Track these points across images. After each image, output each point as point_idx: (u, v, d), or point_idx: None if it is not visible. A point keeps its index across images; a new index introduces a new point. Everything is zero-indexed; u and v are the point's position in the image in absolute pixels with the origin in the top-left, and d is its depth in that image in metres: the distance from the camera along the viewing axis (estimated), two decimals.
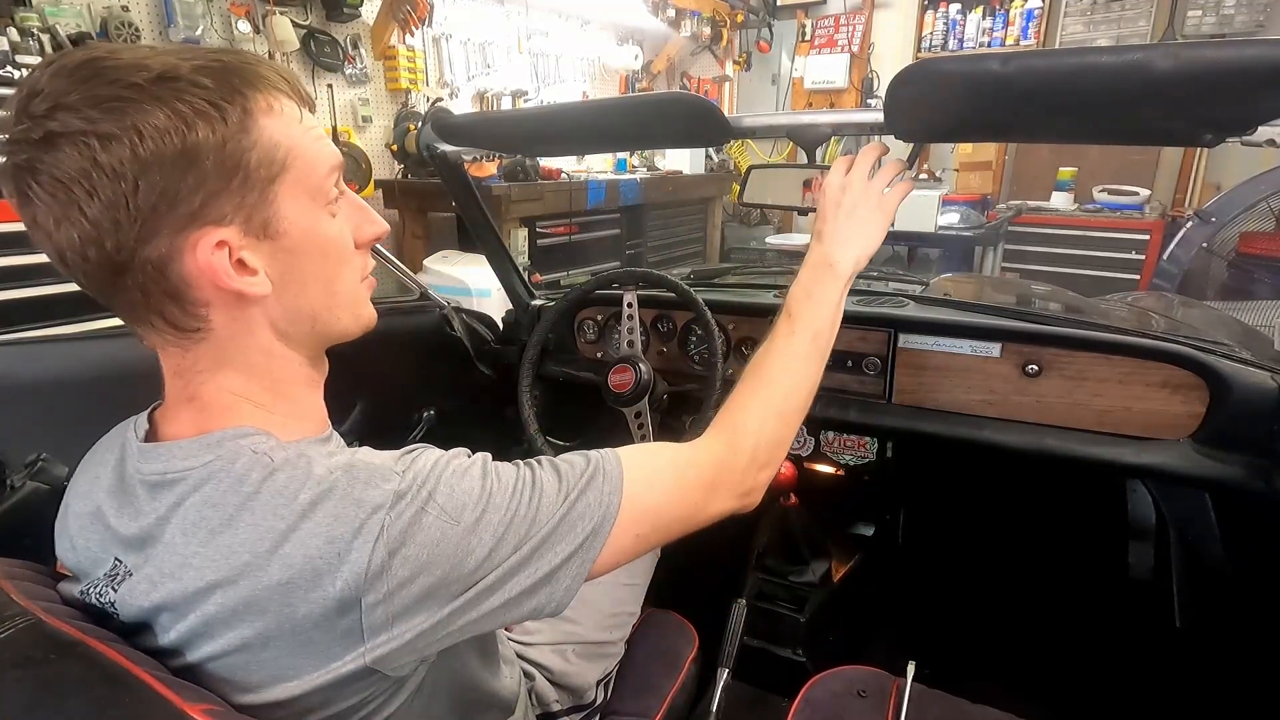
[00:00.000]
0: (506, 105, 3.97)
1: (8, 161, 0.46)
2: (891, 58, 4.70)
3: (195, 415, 0.54)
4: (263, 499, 0.49)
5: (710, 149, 4.82)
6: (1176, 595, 1.31)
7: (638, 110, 1.04)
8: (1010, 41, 4.29)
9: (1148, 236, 3.72)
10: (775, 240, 4.63)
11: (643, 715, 1.00)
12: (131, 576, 0.52)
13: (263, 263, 0.51)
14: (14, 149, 0.45)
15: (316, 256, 0.54)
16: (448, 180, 1.29)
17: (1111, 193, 3.90)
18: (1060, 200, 4.06)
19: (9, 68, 2.15)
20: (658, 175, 4.46)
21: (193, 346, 0.52)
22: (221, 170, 0.48)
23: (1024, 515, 1.64)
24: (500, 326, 1.58)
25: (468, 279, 3.09)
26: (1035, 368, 1.10)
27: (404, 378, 1.41)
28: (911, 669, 0.99)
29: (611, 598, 1.08)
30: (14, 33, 2.21)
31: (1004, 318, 1.16)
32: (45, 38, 2.27)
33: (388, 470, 0.51)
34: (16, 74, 2.16)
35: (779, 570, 1.49)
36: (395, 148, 3.50)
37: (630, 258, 4.23)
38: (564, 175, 3.69)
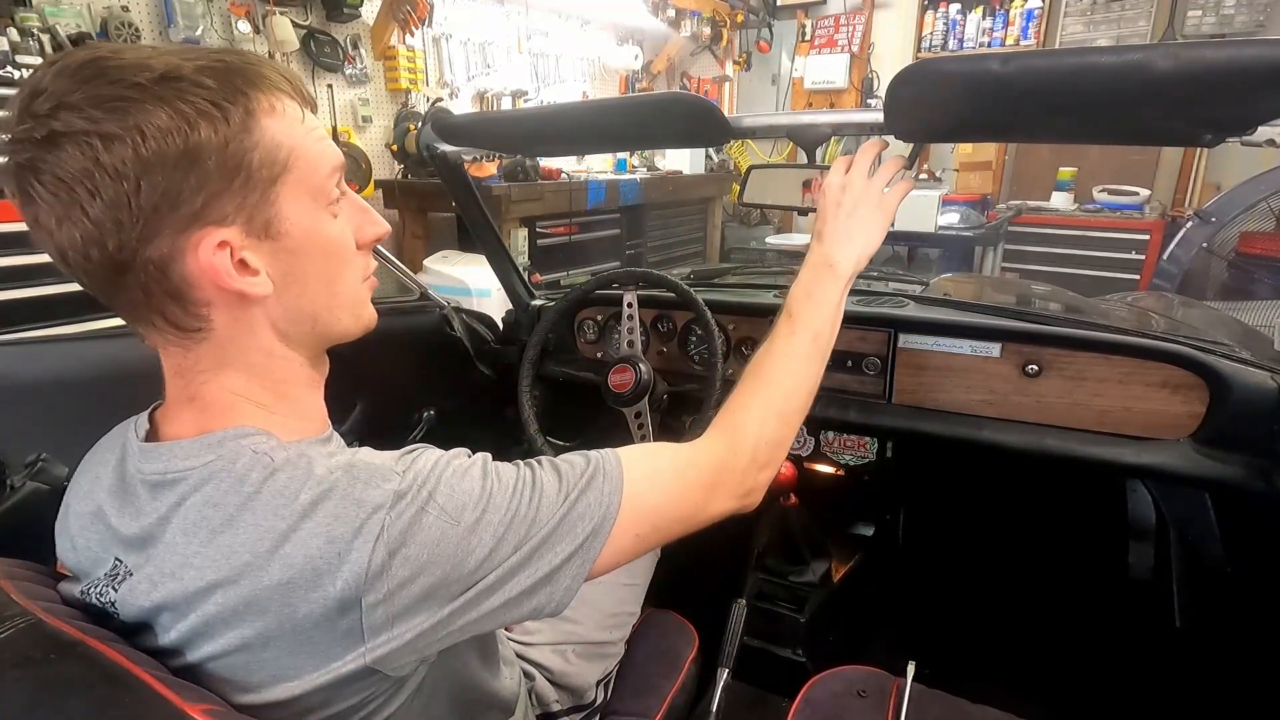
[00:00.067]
0: (506, 105, 3.97)
1: (10, 161, 0.46)
2: (891, 58, 4.70)
3: (196, 415, 0.54)
4: (263, 499, 0.49)
5: (710, 149, 4.82)
6: (1176, 595, 1.31)
7: (638, 110, 1.04)
8: (1010, 41, 4.29)
9: (1148, 236, 3.72)
10: (775, 240, 4.63)
11: (643, 715, 1.00)
12: (132, 576, 0.52)
13: (264, 263, 0.51)
14: (16, 148, 0.45)
15: (318, 257, 0.54)
16: (448, 180, 1.29)
17: (1111, 193, 3.90)
18: (1060, 200, 4.06)
19: (9, 68, 2.15)
20: (658, 175, 4.45)
21: (194, 346, 0.52)
22: (223, 170, 0.48)
23: (1024, 515, 1.64)
24: (500, 326, 1.58)
25: (468, 279, 3.09)
26: (1035, 368, 1.10)
27: (404, 378, 1.41)
28: (911, 669, 0.99)
29: (611, 598, 1.08)
30: (14, 33, 2.21)
31: (1004, 318, 1.16)
32: (45, 38, 2.27)
33: (388, 470, 0.51)
34: (16, 74, 2.16)
35: (779, 570, 1.49)
36: (395, 148, 3.50)
37: (630, 258, 4.22)
38: (564, 175, 3.69)
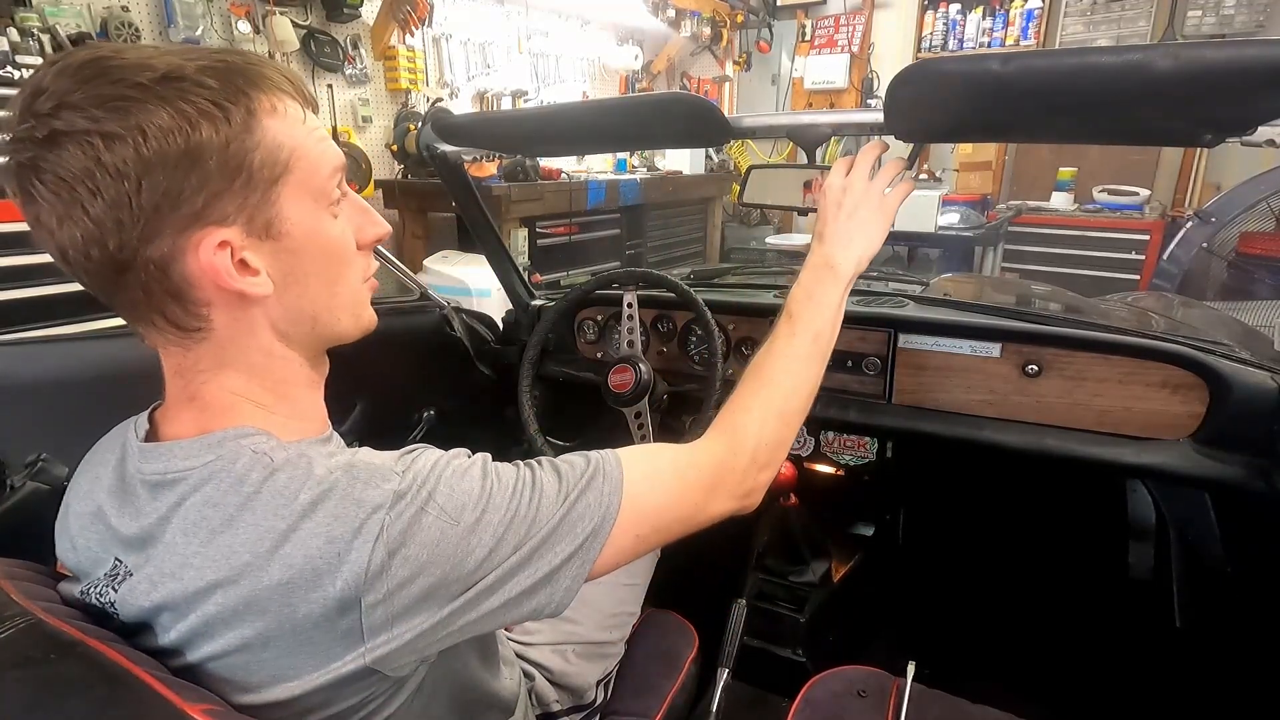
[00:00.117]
0: (506, 105, 3.97)
1: (11, 160, 0.46)
2: (891, 58, 4.70)
3: (196, 415, 0.54)
4: (263, 499, 0.49)
5: (710, 149, 4.82)
6: (1176, 595, 1.31)
7: (638, 110, 1.04)
8: (1010, 41, 4.29)
9: (1148, 236, 3.72)
10: (775, 240, 4.63)
11: (643, 715, 1.00)
12: (132, 576, 0.52)
13: (265, 263, 0.51)
14: (18, 147, 0.45)
15: (319, 257, 0.54)
16: (448, 180, 1.29)
17: (1111, 193, 3.90)
18: (1060, 200, 4.07)
19: (9, 68, 2.15)
20: (658, 175, 4.46)
21: (194, 346, 0.52)
22: (225, 170, 0.48)
23: (1024, 515, 1.64)
24: (500, 326, 1.58)
25: (468, 279, 3.09)
26: (1035, 368, 1.10)
27: (404, 378, 1.41)
28: (911, 669, 0.99)
29: (611, 598, 1.08)
30: (14, 33, 2.21)
31: (1004, 318, 1.16)
32: (45, 38, 2.27)
33: (388, 470, 0.51)
34: (17, 74, 2.16)
35: (779, 570, 1.49)
36: (395, 148, 3.50)
37: (630, 258, 4.22)
38: (564, 175, 3.69)
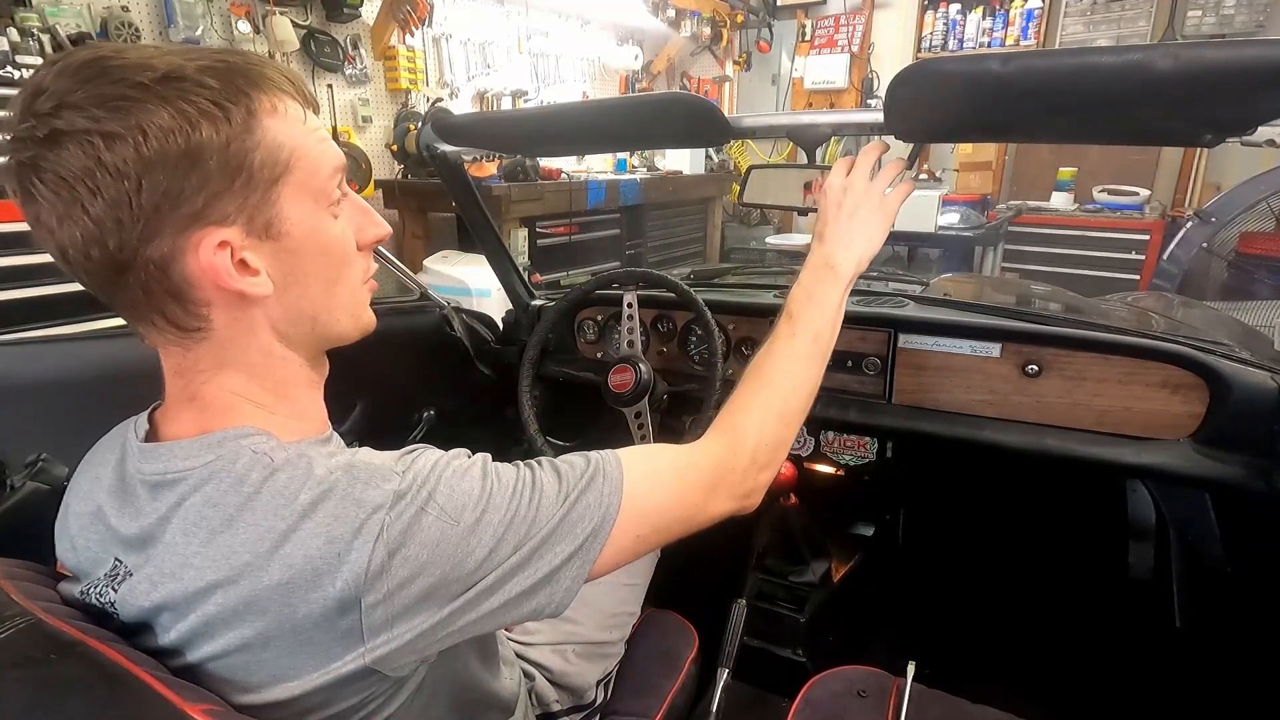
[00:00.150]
0: (506, 105, 3.97)
1: (12, 159, 0.46)
2: (891, 58, 4.70)
3: (196, 415, 0.54)
4: (263, 499, 0.49)
5: (710, 149, 4.82)
6: (1176, 595, 1.31)
7: (638, 110, 1.04)
8: (1010, 41, 4.29)
9: (1148, 236, 3.72)
10: (775, 240, 4.63)
11: (643, 715, 1.00)
12: (132, 576, 0.52)
13: (265, 263, 0.51)
14: (18, 147, 0.45)
15: (318, 258, 0.54)
16: (448, 180, 1.29)
17: (1111, 193, 3.91)
18: (1060, 200, 4.07)
19: (9, 68, 2.15)
20: (658, 175, 4.46)
21: (194, 346, 0.52)
22: (225, 170, 0.48)
23: (1024, 515, 1.64)
24: (500, 326, 1.58)
25: (468, 279, 3.09)
26: (1035, 368, 1.10)
27: (404, 378, 1.41)
28: (911, 669, 0.99)
29: (611, 598, 1.08)
30: (14, 33, 2.21)
31: (1004, 318, 1.16)
32: (45, 38, 2.27)
33: (388, 470, 0.51)
34: (17, 74, 2.16)
35: (779, 570, 1.49)
36: (395, 148, 3.50)
37: (630, 258, 4.22)
38: (564, 175, 3.69)
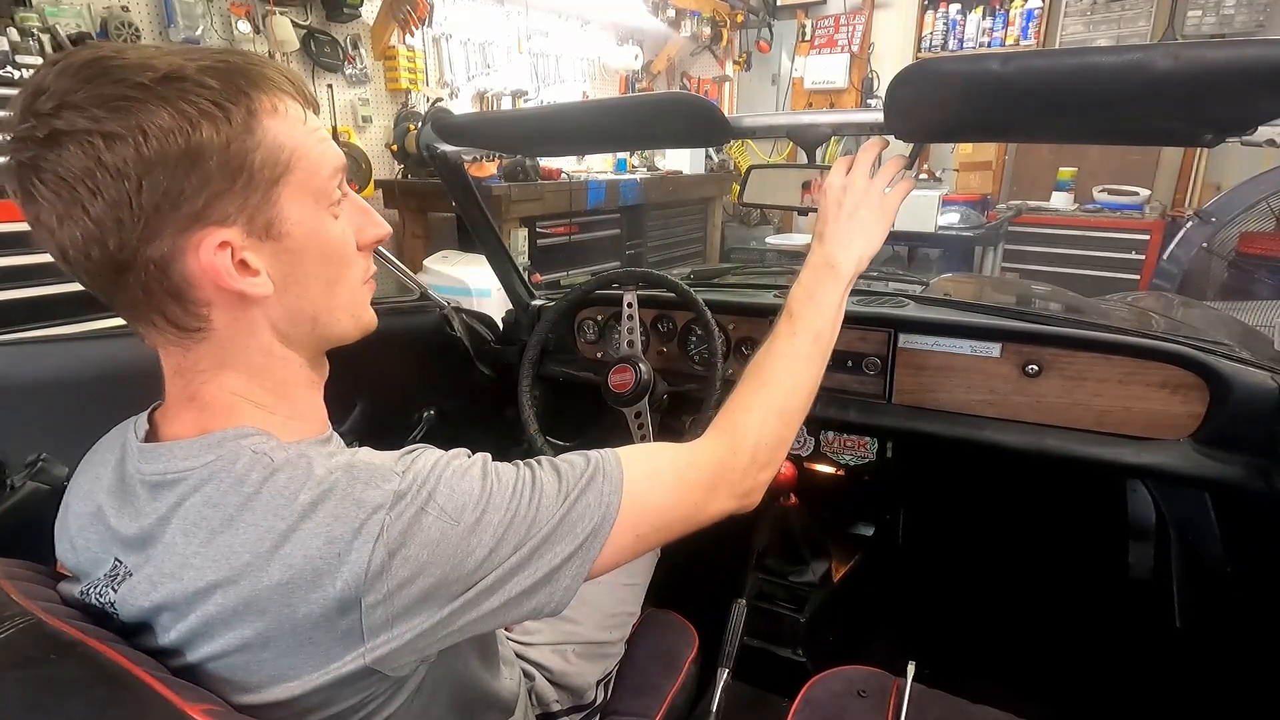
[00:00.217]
0: (506, 105, 3.97)
1: (12, 159, 0.46)
2: (891, 58, 4.70)
3: (196, 415, 0.54)
4: (263, 499, 0.49)
5: (710, 149, 4.82)
6: (1176, 595, 1.31)
7: (638, 110, 1.04)
8: (1010, 41, 4.29)
9: (1148, 236, 3.72)
10: (775, 240, 4.63)
11: (643, 715, 1.00)
12: (131, 576, 0.52)
13: (265, 264, 0.51)
14: (18, 147, 0.45)
15: (319, 258, 0.54)
16: (448, 180, 1.29)
17: (1111, 193, 3.90)
18: (1060, 200, 4.06)
19: (9, 68, 2.15)
20: (658, 175, 4.45)
21: (194, 346, 0.52)
22: (225, 171, 0.48)
23: (1024, 515, 1.64)
24: (500, 326, 1.58)
25: (468, 279, 3.09)
26: (1035, 368, 1.10)
27: (404, 378, 1.41)
28: (911, 669, 0.99)
29: (611, 598, 1.08)
30: (14, 33, 2.21)
31: (1004, 318, 1.16)
32: (45, 38, 2.27)
33: (388, 470, 0.51)
34: (17, 74, 2.16)
35: (779, 570, 1.49)
36: (395, 148, 3.50)
37: (630, 258, 4.22)
38: (564, 175, 3.69)
